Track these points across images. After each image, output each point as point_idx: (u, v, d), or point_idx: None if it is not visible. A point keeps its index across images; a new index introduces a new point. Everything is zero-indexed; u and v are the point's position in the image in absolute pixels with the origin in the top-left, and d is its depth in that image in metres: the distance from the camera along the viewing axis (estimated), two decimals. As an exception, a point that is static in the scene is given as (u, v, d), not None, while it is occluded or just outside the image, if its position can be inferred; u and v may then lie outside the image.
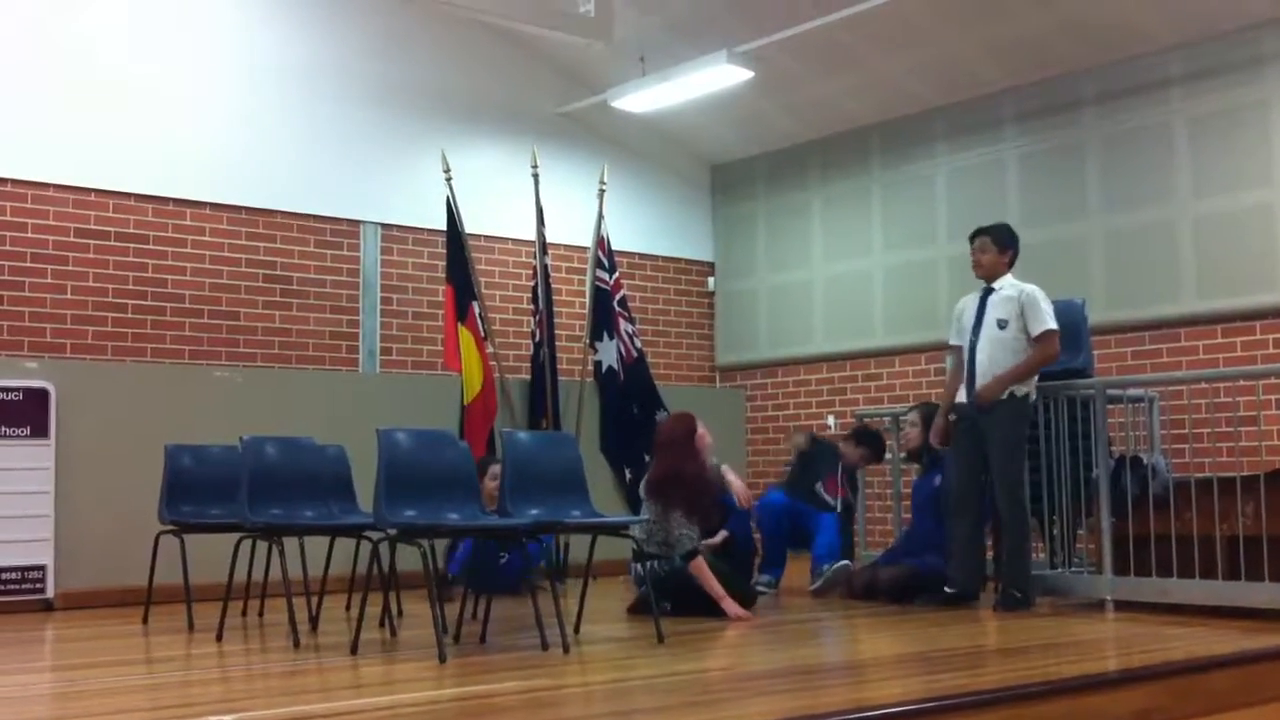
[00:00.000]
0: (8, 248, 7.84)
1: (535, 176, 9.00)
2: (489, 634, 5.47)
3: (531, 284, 9.23)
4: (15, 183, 7.89)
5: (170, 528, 6.22)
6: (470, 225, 8.96)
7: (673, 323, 10.76)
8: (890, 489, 8.35)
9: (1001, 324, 6.46)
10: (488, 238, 9.64)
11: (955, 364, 6.74)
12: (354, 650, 5.10)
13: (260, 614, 6.41)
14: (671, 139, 10.72)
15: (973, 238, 6.70)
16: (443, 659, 4.78)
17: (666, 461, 6.35)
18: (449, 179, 8.76)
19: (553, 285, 9.25)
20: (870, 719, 3.68)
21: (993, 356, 6.44)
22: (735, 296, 10.90)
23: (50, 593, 6.93)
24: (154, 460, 6.55)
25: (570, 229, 9.72)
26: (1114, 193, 8.57)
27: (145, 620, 6.28)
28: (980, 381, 6.44)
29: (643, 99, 9.53)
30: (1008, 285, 6.57)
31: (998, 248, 6.61)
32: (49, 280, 7.98)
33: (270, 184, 8.79)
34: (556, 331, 9.16)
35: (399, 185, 9.37)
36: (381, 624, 5.71)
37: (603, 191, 9.34)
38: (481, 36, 9.66)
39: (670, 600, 6.13)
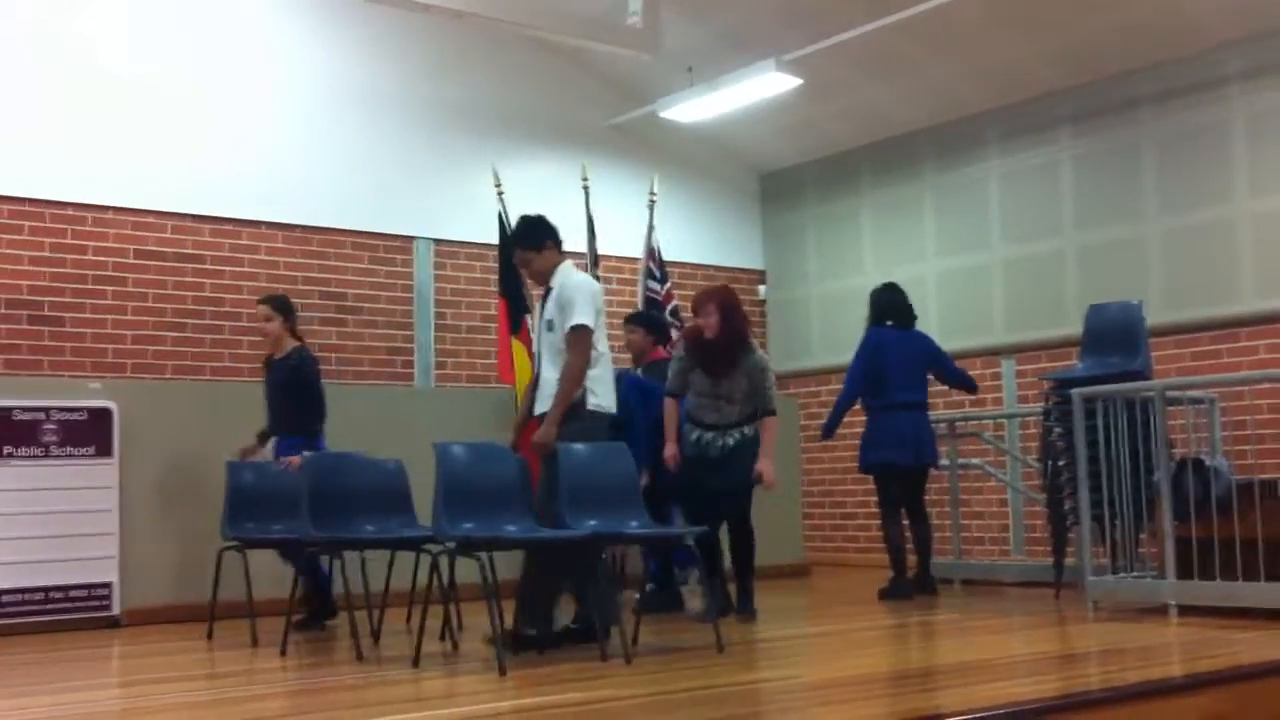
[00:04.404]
0: (69, 270, 7.99)
1: (586, 189, 9.04)
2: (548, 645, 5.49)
3: (583, 296, 9.25)
4: (76, 206, 8.04)
5: (233, 544, 6.31)
6: (521, 238, 8.99)
7: (725, 332, 10.74)
8: (948, 494, 8.32)
9: (549, 325, 5.72)
10: (539, 251, 9.66)
11: None
12: (415, 663, 5.14)
13: (322, 629, 6.47)
14: (720, 148, 10.74)
15: (511, 248, 6.04)
16: (503, 671, 4.80)
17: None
18: (500, 193, 8.82)
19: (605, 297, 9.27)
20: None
21: (545, 364, 5.73)
22: (787, 304, 10.89)
23: (116, 609, 7.02)
24: (215, 477, 6.69)
25: (621, 240, 9.75)
26: (1171, 192, 8.48)
27: (210, 635, 6.36)
28: (539, 394, 5.75)
29: (691, 109, 9.54)
30: (561, 279, 5.74)
31: (534, 249, 5.83)
32: (110, 301, 8.12)
33: (324, 202, 8.90)
34: (610, 343, 9.16)
35: (451, 200, 9.44)
36: (442, 637, 5.75)
37: (653, 202, 9.37)
38: (530, 52, 9.73)
39: None
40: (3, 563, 6.71)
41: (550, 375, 5.68)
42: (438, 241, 9.39)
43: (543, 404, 5.70)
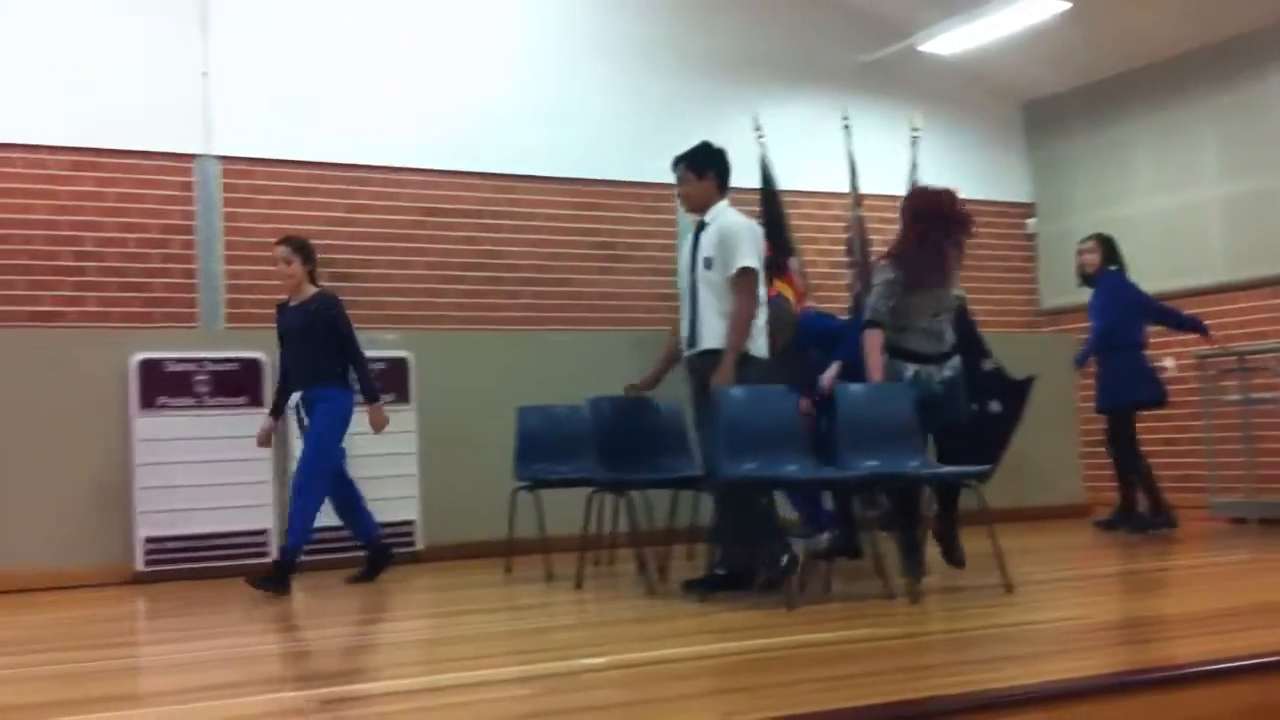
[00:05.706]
0: (362, 229, 8.51)
1: (846, 128, 8.99)
2: (833, 583, 5.59)
3: (846, 236, 9.24)
4: (367, 168, 8.56)
5: (525, 484, 6.66)
6: (781, 182, 9.05)
7: (990, 267, 10.53)
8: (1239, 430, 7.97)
9: (708, 263, 5.63)
10: (798, 193, 9.69)
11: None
12: (703, 599, 5.32)
13: (611, 563, 6.77)
14: (979, 80, 10.46)
15: (674, 166, 5.89)
16: (791, 606, 4.93)
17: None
18: (761, 139, 8.87)
19: (868, 237, 9.23)
20: (1226, 670, 3.58)
21: (705, 301, 5.66)
22: (1056, 238, 10.56)
23: (419, 545, 7.52)
24: (502, 420, 7.03)
25: (881, 178, 9.62)
26: None
27: (508, 570, 6.75)
28: (699, 333, 5.69)
29: (951, 40, 9.35)
30: (719, 217, 5.70)
31: (695, 174, 5.77)
32: (397, 257, 8.61)
33: (592, 155, 9.18)
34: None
35: (710, 147, 9.54)
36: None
37: (915, 138, 9.23)
38: (783, -6, 9.73)
39: None
40: (318, 503, 7.30)
41: (708, 315, 5.62)
42: (699, 188, 9.51)
43: (707, 341, 5.63)
